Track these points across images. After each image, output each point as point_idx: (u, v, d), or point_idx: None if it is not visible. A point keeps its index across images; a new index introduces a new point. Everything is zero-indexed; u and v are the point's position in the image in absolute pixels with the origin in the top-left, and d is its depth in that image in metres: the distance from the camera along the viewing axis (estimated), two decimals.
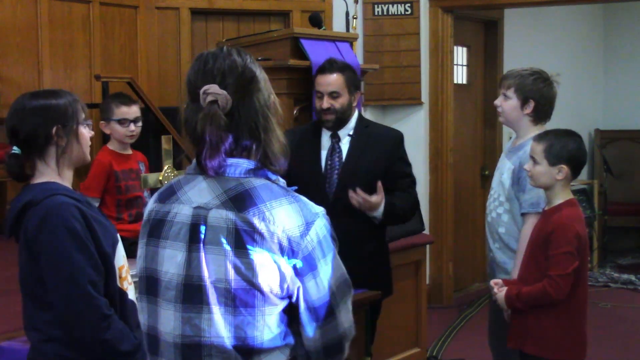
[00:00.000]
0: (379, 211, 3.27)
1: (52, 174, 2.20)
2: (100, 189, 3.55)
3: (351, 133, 3.42)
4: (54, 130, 2.16)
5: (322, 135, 3.43)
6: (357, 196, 3.20)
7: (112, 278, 2.19)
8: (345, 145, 3.41)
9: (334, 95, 3.35)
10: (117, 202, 3.61)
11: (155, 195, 1.81)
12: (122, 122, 3.62)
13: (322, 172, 3.37)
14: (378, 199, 3.23)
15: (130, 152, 3.75)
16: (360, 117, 3.50)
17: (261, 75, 1.75)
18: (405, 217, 3.55)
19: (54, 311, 2.12)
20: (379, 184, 3.24)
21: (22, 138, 2.16)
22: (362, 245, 3.32)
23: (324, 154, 3.41)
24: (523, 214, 3.21)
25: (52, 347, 2.13)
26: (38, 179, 2.19)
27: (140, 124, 3.69)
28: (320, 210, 1.70)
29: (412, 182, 3.49)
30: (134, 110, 3.66)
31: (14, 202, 2.16)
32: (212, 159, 1.65)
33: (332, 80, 3.36)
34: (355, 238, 3.24)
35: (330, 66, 3.39)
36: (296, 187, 1.74)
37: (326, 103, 3.34)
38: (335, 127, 3.39)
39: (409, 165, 3.52)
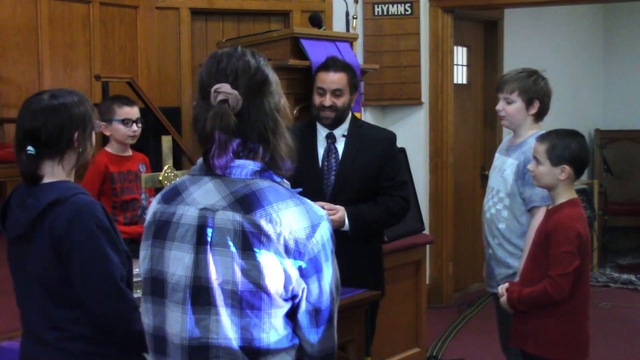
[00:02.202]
0: (345, 226, 3.26)
1: (62, 173, 2.19)
2: (95, 191, 3.54)
3: (345, 134, 3.42)
4: (76, 134, 2.17)
5: (317, 134, 3.43)
6: None
7: (130, 275, 2.24)
8: (340, 145, 3.41)
9: (337, 93, 3.35)
10: (113, 204, 3.61)
11: (159, 195, 1.80)
12: (126, 122, 3.62)
13: (319, 173, 3.37)
14: (336, 217, 3.21)
15: (130, 153, 3.74)
16: (353, 117, 3.50)
17: (273, 78, 1.75)
18: (383, 225, 3.52)
19: (83, 308, 2.12)
20: (325, 204, 3.19)
21: (45, 139, 2.14)
22: (357, 246, 3.32)
23: (320, 152, 3.40)
24: (533, 207, 3.25)
25: (79, 345, 2.13)
26: (49, 179, 2.17)
27: (140, 124, 3.70)
28: (323, 213, 1.71)
29: (402, 183, 3.45)
30: (135, 111, 3.68)
31: (33, 201, 2.13)
32: (220, 158, 1.65)
33: (337, 79, 3.36)
34: (351, 238, 3.25)
35: (334, 64, 3.40)
36: (300, 190, 1.74)
37: (328, 100, 3.34)
38: (332, 125, 3.39)
39: (399, 166, 3.51)
